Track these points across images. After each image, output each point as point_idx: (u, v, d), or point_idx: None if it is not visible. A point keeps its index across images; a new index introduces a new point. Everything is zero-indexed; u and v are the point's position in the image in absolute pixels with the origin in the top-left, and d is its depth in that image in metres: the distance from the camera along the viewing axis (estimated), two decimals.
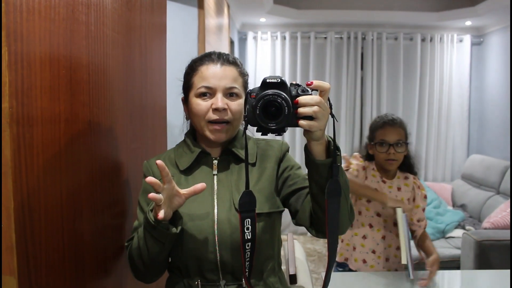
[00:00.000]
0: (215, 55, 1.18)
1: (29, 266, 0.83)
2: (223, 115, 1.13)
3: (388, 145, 1.97)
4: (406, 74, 5.18)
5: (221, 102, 1.12)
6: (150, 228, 1.05)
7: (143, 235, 1.09)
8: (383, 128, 2.01)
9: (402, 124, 2.05)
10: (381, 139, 1.99)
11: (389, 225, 2.02)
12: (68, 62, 0.97)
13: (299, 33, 5.14)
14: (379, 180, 2.04)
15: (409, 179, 2.08)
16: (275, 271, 1.21)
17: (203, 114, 1.14)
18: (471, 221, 4.09)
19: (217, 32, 3.35)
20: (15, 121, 0.78)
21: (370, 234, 2.02)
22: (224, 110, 1.13)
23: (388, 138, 1.98)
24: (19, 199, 0.80)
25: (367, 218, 2.03)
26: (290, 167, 1.22)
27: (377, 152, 2.02)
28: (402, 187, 2.06)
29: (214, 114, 1.13)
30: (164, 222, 1.05)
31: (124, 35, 1.31)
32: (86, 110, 1.06)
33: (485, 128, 5.07)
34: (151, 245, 1.08)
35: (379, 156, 2.02)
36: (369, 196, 1.97)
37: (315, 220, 1.08)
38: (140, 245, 1.10)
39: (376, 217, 2.02)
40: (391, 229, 2.02)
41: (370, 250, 2.02)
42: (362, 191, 1.98)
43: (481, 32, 5.12)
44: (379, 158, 2.03)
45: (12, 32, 0.77)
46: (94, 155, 1.12)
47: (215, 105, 1.12)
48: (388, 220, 2.01)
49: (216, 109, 1.12)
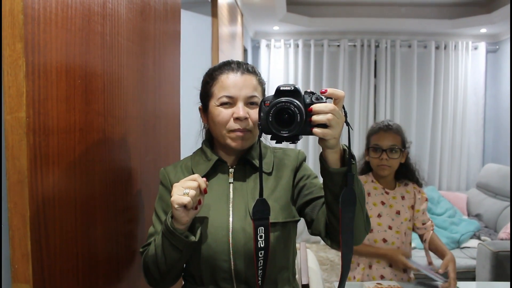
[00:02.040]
0: (235, 64, 1.18)
1: (44, 274, 0.84)
2: (244, 124, 1.13)
3: (381, 150, 1.96)
4: (420, 82, 5.14)
5: (243, 111, 1.12)
6: (169, 235, 1.06)
7: (160, 243, 1.09)
8: (378, 133, 2.00)
9: (398, 130, 2.03)
10: (374, 144, 1.99)
11: (401, 235, 2.00)
12: (83, 72, 0.98)
13: (312, 40, 5.15)
14: (382, 192, 2.02)
15: (409, 186, 2.07)
16: (289, 281, 1.20)
17: (224, 123, 1.14)
18: (487, 231, 4.02)
19: (230, 41, 3.37)
20: (31, 131, 0.80)
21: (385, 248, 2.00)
22: (245, 119, 1.13)
23: (382, 143, 1.97)
24: (35, 207, 0.81)
25: (380, 233, 2.00)
26: (307, 176, 1.22)
27: (370, 158, 2.02)
28: (405, 195, 2.04)
29: (235, 123, 1.13)
30: (183, 230, 1.06)
31: (139, 44, 1.32)
32: (101, 119, 1.08)
33: (501, 137, 4.99)
34: (169, 253, 1.08)
35: (372, 161, 2.01)
36: (376, 254, 1.97)
37: (330, 230, 1.08)
38: (158, 252, 1.10)
39: (388, 231, 2.00)
40: (403, 240, 2.00)
41: (387, 264, 1.99)
42: (366, 250, 1.98)
43: (496, 39, 5.06)
44: (372, 164, 2.02)
45: (30, 43, 0.78)
46: (108, 164, 1.13)
47: (237, 114, 1.12)
48: (401, 230, 1.99)
49: (237, 118, 1.12)
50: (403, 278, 1.99)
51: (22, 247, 0.79)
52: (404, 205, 2.01)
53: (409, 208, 2.02)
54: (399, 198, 2.03)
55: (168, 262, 1.09)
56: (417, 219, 2.03)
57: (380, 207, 2.01)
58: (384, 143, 1.97)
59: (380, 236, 2.00)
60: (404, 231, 2.00)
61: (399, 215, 2.00)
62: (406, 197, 2.04)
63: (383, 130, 2.01)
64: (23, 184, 0.78)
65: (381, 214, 1.99)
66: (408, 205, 2.02)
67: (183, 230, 1.06)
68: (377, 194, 2.02)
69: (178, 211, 1.02)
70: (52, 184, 0.87)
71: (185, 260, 1.13)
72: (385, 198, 2.01)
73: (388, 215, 1.99)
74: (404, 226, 2.00)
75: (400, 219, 1.99)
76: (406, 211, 2.01)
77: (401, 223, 2.00)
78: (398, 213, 2.00)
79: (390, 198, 2.02)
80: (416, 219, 2.03)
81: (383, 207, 2.01)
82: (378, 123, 2.08)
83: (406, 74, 5.14)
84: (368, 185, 2.05)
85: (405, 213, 2.00)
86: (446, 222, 4.05)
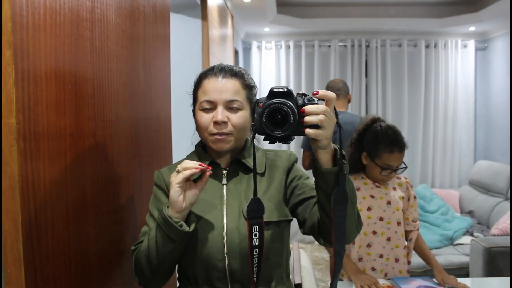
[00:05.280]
0: (218, 69, 1.20)
1: (37, 278, 0.85)
2: (222, 128, 1.14)
3: (391, 170, 1.94)
4: (411, 81, 5.18)
5: (221, 115, 1.14)
6: (163, 223, 1.07)
7: (154, 235, 1.10)
8: (392, 154, 1.93)
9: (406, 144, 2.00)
10: (387, 164, 1.94)
11: (393, 225, 2.00)
12: (73, 77, 0.99)
13: (303, 41, 5.17)
14: (373, 187, 2.02)
15: (401, 179, 2.08)
16: (283, 280, 1.22)
17: (206, 127, 1.16)
18: (479, 228, 4.06)
19: (221, 43, 3.39)
20: (22, 137, 0.80)
21: (375, 240, 2.00)
22: (224, 123, 1.14)
23: (393, 163, 1.93)
24: (27, 212, 0.82)
25: (370, 226, 2.00)
26: (298, 177, 1.24)
27: (375, 170, 1.98)
28: (396, 187, 2.05)
29: (214, 127, 1.15)
30: (178, 218, 1.07)
31: (128, 49, 1.33)
32: (92, 124, 1.08)
33: (492, 134, 5.04)
34: (162, 244, 1.08)
35: (374, 172, 1.98)
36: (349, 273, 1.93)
37: (322, 229, 1.10)
38: (150, 245, 1.11)
39: (379, 222, 2.00)
40: (396, 230, 2.01)
41: (377, 255, 2.00)
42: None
43: (485, 37, 5.11)
44: (374, 173, 1.99)
45: (19, 50, 0.79)
46: (99, 168, 1.14)
47: (215, 118, 1.14)
48: (392, 221, 2.00)
49: (216, 122, 1.14)
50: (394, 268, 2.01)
51: (14, 251, 0.80)
52: (395, 195, 2.01)
53: (401, 198, 2.02)
54: (391, 189, 2.03)
55: (160, 255, 1.09)
56: (410, 214, 2.04)
57: (370, 200, 2.00)
58: (396, 163, 1.94)
59: (370, 229, 2.00)
60: (396, 221, 2.00)
61: (390, 205, 1.99)
62: (398, 189, 2.05)
63: (397, 150, 1.93)
64: (14, 189, 0.79)
65: (371, 207, 1.99)
66: (400, 195, 2.01)
67: (178, 219, 1.07)
68: (367, 189, 2.02)
69: (176, 191, 1.04)
70: (43, 189, 0.87)
71: (177, 254, 1.12)
72: (376, 192, 2.01)
73: (379, 207, 1.99)
74: (395, 216, 2.00)
75: (392, 209, 1.99)
76: (397, 201, 2.01)
77: (393, 213, 1.99)
78: (389, 203, 2.00)
79: (382, 191, 2.01)
80: (410, 214, 2.04)
81: (373, 200, 2.00)
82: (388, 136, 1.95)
83: (397, 73, 5.17)
84: (358, 181, 2.04)
85: (396, 203, 2.00)
86: (439, 220, 4.08)
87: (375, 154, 1.96)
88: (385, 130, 1.98)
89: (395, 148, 1.93)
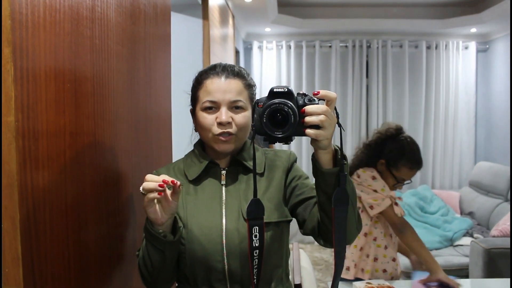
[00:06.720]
0: (220, 68, 1.18)
1: (35, 277, 0.84)
2: (227, 128, 1.13)
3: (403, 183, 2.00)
4: (411, 82, 5.18)
5: (225, 116, 1.13)
6: (148, 235, 1.07)
7: (145, 244, 1.10)
8: (411, 170, 1.97)
9: None
10: (402, 178, 1.98)
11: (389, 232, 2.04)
12: (73, 76, 0.99)
13: (304, 42, 5.17)
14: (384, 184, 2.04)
15: None
16: (283, 281, 1.21)
17: (209, 128, 1.15)
18: (479, 229, 4.05)
19: (222, 43, 3.38)
20: (20, 135, 0.80)
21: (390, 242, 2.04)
22: (228, 124, 1.13)
23: (408, 178, 1.99)
24: (25, 211, 0.81)
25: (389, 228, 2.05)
26: (298, 177, 1.23)
27: (388, 179, 2.00)
28: None
29: (218, 127, 1.14)
30: (162, 230, 1.06)
31: (129, 48, 1.33)
32: (91, 123, 1.08)
33: (492, 135, 5.04)
34: (152, 254, 1.09)
35: (387, 181, 2.00)
36: (424, 258, 1.87)
37: (322, 230, 1.09)
38: (144, 255, 1.11)
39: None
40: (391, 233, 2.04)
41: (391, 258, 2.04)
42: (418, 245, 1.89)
43: (486, 39, 5.11)
44: (387, 181, 2.01)
45: (18, 48, 0.79)
46: (98, 167, 1.13)
47: (219, 119, 1.13)
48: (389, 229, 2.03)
49: (220, 123, 1.13)
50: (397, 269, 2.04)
51: (13, 250, 0.79)
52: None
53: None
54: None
55: (154, 265, 1.10)
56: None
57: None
58: (409, 178, 2.00)
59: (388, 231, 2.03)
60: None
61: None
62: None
63: (418, 169, 1.98)
64: (12, 187, 0.78)
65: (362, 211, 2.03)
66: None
67: (161, 229, 1.06)
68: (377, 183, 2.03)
69: (150, 212, 1.02)
70: (42, 188, 0.87)
71: (171, 261, 1.12)
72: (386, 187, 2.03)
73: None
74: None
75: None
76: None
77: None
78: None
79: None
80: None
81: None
82: (414, 155, 1.97)
83: (397, 74, 5.17)
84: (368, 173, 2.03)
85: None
86: (439, 221, 4.08)
87: (395, 166, 1.97)
88: (411, 146, 1.98)
89: (416, 166, 1.96)
